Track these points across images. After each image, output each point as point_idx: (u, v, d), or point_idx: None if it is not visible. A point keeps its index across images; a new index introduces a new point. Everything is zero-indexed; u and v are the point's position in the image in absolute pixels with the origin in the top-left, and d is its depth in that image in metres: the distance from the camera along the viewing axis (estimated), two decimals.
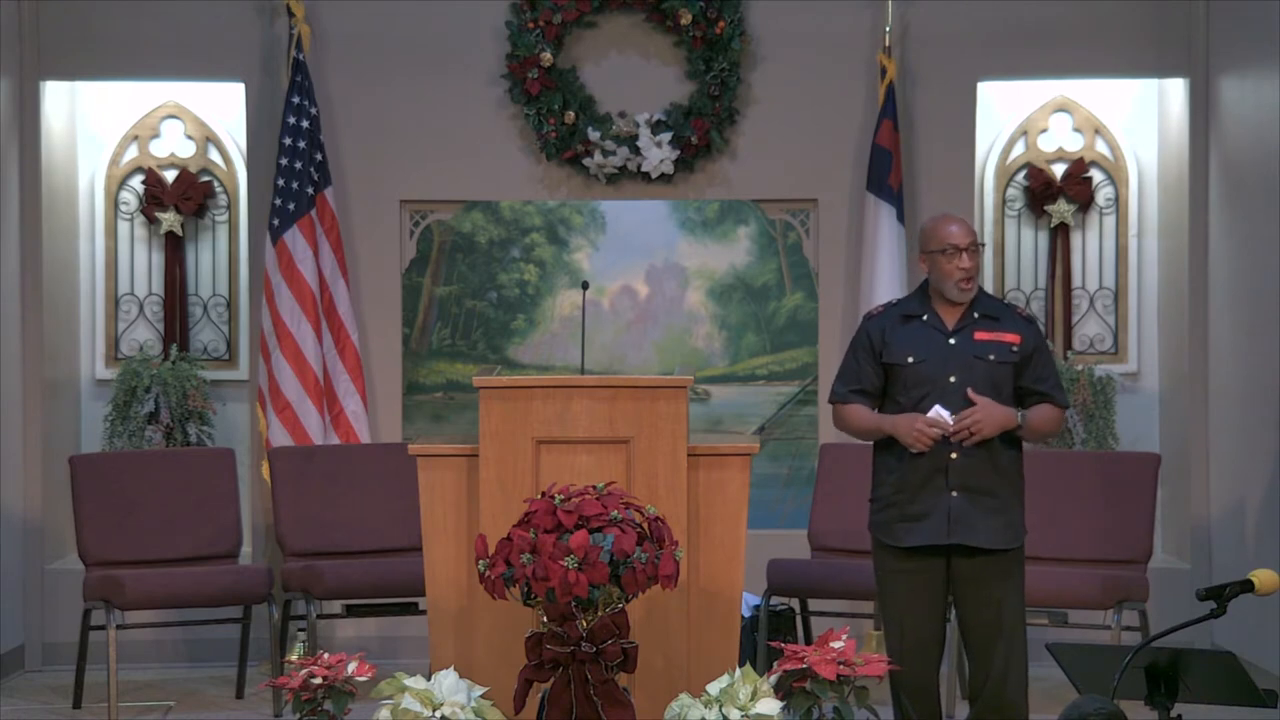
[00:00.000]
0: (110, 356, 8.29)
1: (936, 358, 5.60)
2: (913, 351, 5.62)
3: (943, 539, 5.57)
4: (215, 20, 8.04)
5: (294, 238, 7.83)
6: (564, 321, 8.23)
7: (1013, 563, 5.64)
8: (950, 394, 5.57)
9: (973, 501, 5.55)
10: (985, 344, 5.62)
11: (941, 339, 5.63)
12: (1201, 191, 7.95)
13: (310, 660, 5.03)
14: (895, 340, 5.65)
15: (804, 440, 8.19)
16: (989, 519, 5.56)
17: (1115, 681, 4.16)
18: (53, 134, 8.07)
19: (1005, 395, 5.61)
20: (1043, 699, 7.00)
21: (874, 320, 5.75)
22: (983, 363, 5.60)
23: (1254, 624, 6.99)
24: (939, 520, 5.56)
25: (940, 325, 5.65)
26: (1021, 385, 5.66)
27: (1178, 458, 8.01)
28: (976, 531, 5.56)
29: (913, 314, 5.70)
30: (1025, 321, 5.71)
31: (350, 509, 7.42)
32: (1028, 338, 5.66)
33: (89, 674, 7.15)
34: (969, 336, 5.63)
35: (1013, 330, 5.65)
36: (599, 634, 4.82)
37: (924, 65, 8.10)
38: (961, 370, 5.58)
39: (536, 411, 5.31)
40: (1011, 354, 5.63)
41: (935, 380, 5.58)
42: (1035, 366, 5.66)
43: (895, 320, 5.70)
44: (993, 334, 5.64)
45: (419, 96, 8.11)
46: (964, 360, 5.60)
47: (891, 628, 5.69)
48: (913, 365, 5.60)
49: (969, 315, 5.66)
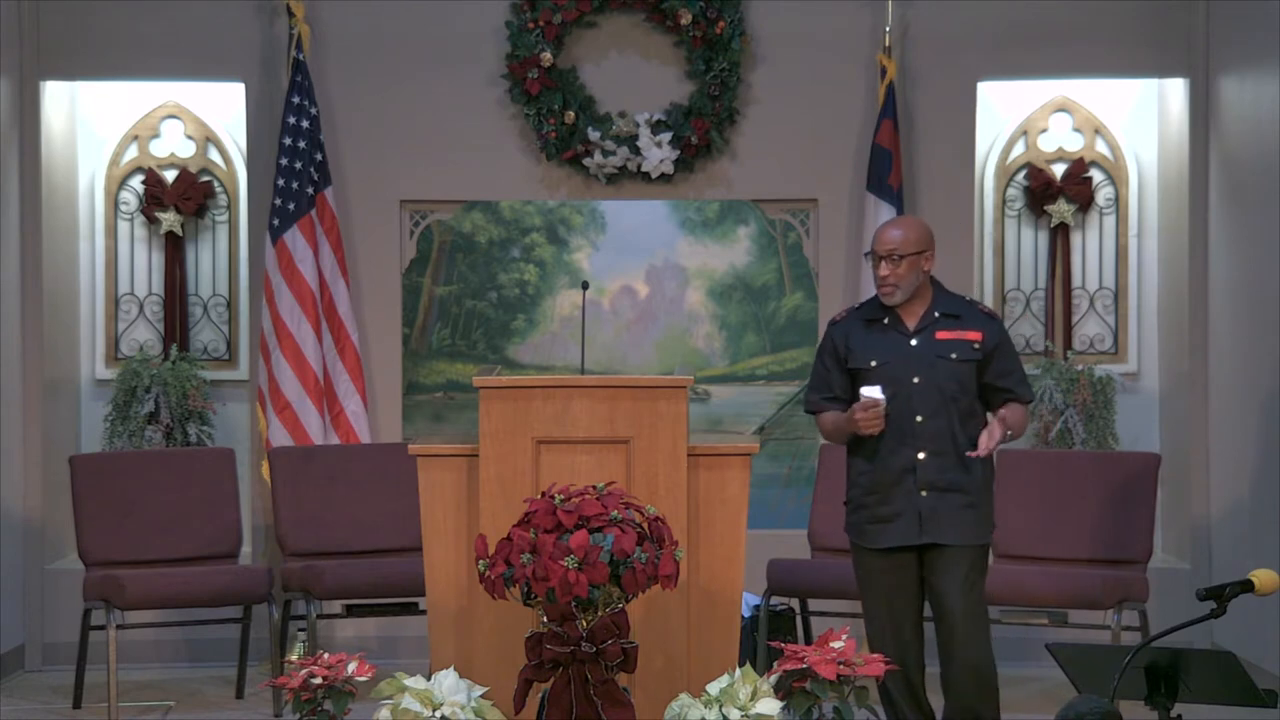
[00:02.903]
0: (110, 356, 8.29)
1: (899, 360, 5.66)
2: (875, 355, 5.69)
3: (914, 539, 5.65)
4: (215, 20, 8.04)
5: (294, 238, 7.83)
6: (564, 321, 8.23)
7: (982, 556, 5.72)
8: (916, 395, 5.63)
9: (942, 499, 5.62)
10: (947, 343, 5.69)
11: (903, 341, 5.69)
12: (1201, 191, 7.95)
13: (310, 660, 5.03)
14: (858, 345, 5.72)
15: (804, 440, 8.19)
16: (958, 515, 5.64)
17: (1115, 681, 4.16)
18: (53, 134, 8.07)
19: (970, 393, 5.68)
20: (1043, 699, 7.01)
21: (837, 326, 5.83)
22: (945, 362, 5.66)
23: (1254, 624, 6.99)
24: (910, 520, 5.64)
25: (901, 327, 5.71)
26: (985, 382, 5.71)
27: (1178, 458, 8.01)
28: (946, 529, 5.64)
29: (874, 318, 5.76)
30: (987, 318, 5.76)
31: (350, 509, 7.42)
32: (989, 334, 5.71)
33: (89, 674, 7.15)
34: (930, 337, 5.69)
35: (974, 328, 5.71)
36: (599, 634, 4.82)
37: (924, 65, 8.10)
38: (925, 370, 5.65)
39: (536, 411, 5.31)
40: (973, 352, 5.68)
41: (900, 382, 5.63)
42: (998, 362, 5.71)
43: (858, 325, 5.77)
44: (954, 332, 5.70)
45: (419, 96, 8.11)
46: (927, 360, 5.66)
47: (875, 627, 5.75)
48: (875, 368, 5.66)
49: (929, 315, 5.72)
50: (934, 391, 5.62)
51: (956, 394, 5.64)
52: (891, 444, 5.63)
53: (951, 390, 5.63)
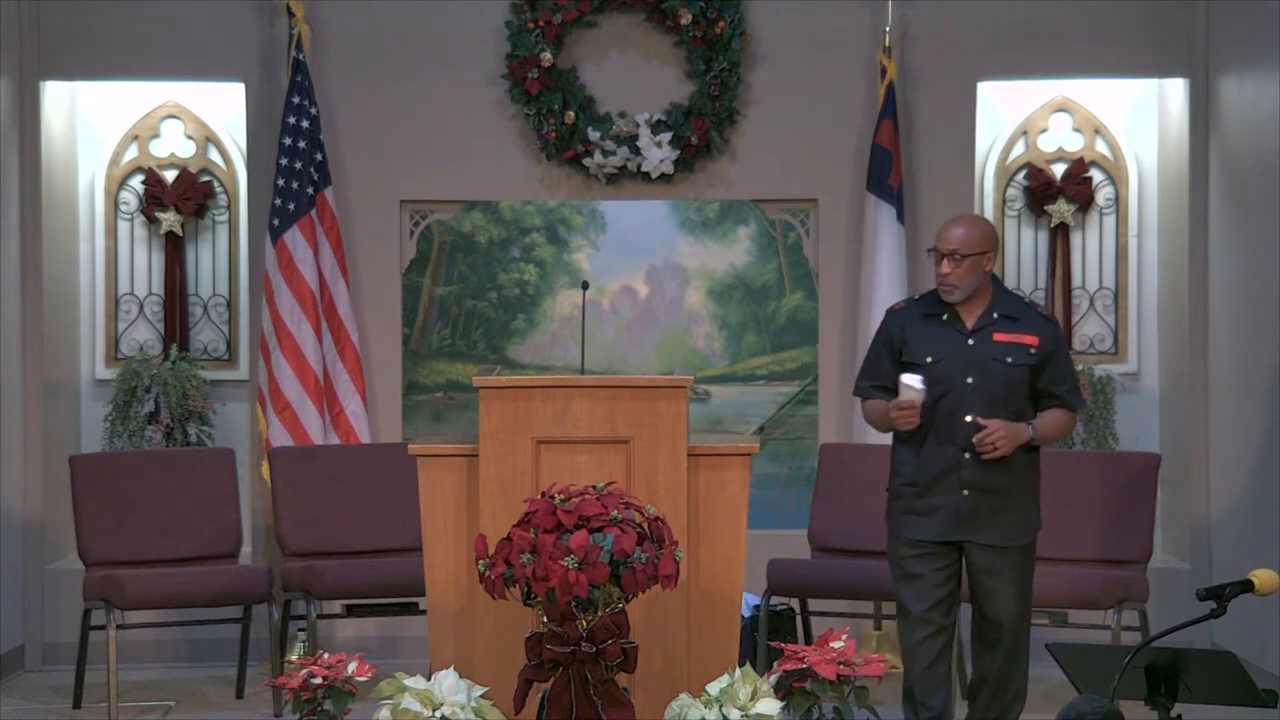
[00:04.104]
0: (110, 356, 8.29)
1: (954, 358, 5.62)
2: (931, 351, 5.65)
3: (950, 536, 5.63)
4: (215, 20, 8.04)
5: (294, 238, 7.83)
6: (564, 321, 8.23)
7: (1023, 558, 5.68)
8: (968, 395, 5.59)
9: (983, 500, 5.60)
10: (1003, 345, 5.63)
11: (960, 339, 5.65)
12: (1201, 191, 7.95)
13: (310, 660, 5.03)
14: (914, 339, 5.67)
15: (804, 440, 8.19)
16: (997, 517, 5.61)
17: (1115, 681, 4.16)
18: (53, 134, 8.07)
19: (1021, 396, 5.64)
20: (1043, 699, 7.00)
21: (895, 316, 5.78)
22: (1000, 365, 5.62)
23: (1254, 624, 6.99)
24: (948, 517, 5.62)
25: (959, 325, 5.67)
26: (1037, 386, 5.67)
27: (1178, 458, 8.01)
28: (983, 530, 5.61)
29: (933, 312, 5.71)
30: (1045, 321, 5.71)
31: (350, 509, 7.42)
32: (1045, 340, 5.66)
33: (89, 674, 7.15)
34: (987, 337, 5.65)
35: (1031, 332, 5.65)
36: (599, 634, 4.82)
37: (924, 65, 8.10)
38: (979, 372, 5.61)
39: (536, 411, 5.31)
40: (1029, 356, 5.64)
41: (953, 380, 5.60)
42: (1052, 369, 5.67)
43: (916, 318, 5.72)
44: (1011, 335, 5.64)
45: (419, 96, 8.11)
46: (981, 362, 5.62)
47: (901, 615, 5.74)
48: (930, 365, 5.62)
49: (988, 315, 5.67)
50: (985, 393, 5.60)
51: (1006, 397, 5.61)
52: (938, 440, 5.61)
53: (1001, 393, 5.60)
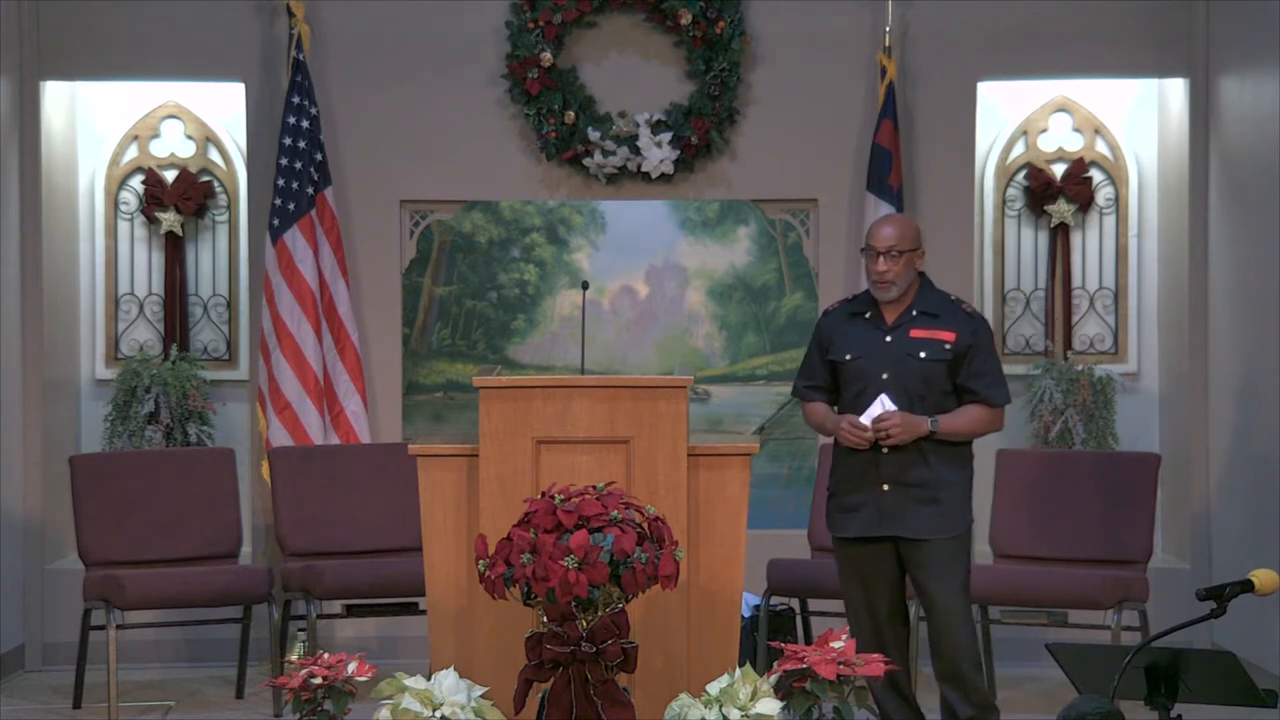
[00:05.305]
0: (110, 356, 8.29)
1: (872, 355, 5.80)
2: (851, 349, 5.83)
3: (875, 530, 5.79)
4: (215, 20, 8.04)
5: (294, 238, 7.83)
6: (564, 321, 8.23)
7: (952, 553, 5.78)
8: (884, 390, 5.75)
9: (904, 494, 5.75)
10: (918, 341, 5.79)
11: (879, 336, 5.82)
12: (1201, 191, 7.95)
13: (310, 660, 5.03)
14: (838, 337, 5.87)
15: (804, 440, 8.19)
16: (919, 509, 5.75)
17: (1115, 681, 4.16)
18: (53, 134, 8.07)
19: (939, 392, 5.78)
20: (1043, 699, 7.01)
21: (827, 317, 6.00)
22: (914, 360, 5.78)
23: (1254, 624, 6.99)
24: (872, 512, 5.79)
25: (880, 323, 5.84)
26: (957, 382, 5.81)
27: (1178, 458, 8.01)
28: (907, 523, 5.77)
29: (858, 311, 5.90)
30: (966, 318, 5.84)
31: (350, 509, 7.42)
32: (964, 335, 5.80)
33: (89, 674, 7.15)
34: (905, 334, 5.81)
35: (950, 328, 5.80)
36: (599, 634, 4.81)
37: (924, 65, 8.10)
38: (894, 367, 5.77)
39: (536, 411, 5.31)
40: (944, 352, 5.78)
41: (869, 376, 5.77)
42: (970, 364, 5.80)
43: (843, 317, 5.93)
44: (928, 331, 5.80)
45: (419, 96, 8.11)
46: (897, 357, 5.78)
47: (851, 614, 5.91)
48: (849, 362, 5.82)
49: (908, 313, 5.83)
50: (900, 388, 5.75)
51: (923, 392, 5.75)
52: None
53: (917, 388, 5.75)
